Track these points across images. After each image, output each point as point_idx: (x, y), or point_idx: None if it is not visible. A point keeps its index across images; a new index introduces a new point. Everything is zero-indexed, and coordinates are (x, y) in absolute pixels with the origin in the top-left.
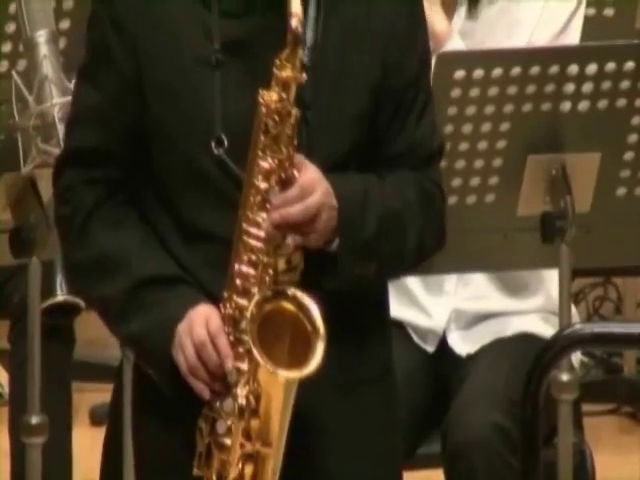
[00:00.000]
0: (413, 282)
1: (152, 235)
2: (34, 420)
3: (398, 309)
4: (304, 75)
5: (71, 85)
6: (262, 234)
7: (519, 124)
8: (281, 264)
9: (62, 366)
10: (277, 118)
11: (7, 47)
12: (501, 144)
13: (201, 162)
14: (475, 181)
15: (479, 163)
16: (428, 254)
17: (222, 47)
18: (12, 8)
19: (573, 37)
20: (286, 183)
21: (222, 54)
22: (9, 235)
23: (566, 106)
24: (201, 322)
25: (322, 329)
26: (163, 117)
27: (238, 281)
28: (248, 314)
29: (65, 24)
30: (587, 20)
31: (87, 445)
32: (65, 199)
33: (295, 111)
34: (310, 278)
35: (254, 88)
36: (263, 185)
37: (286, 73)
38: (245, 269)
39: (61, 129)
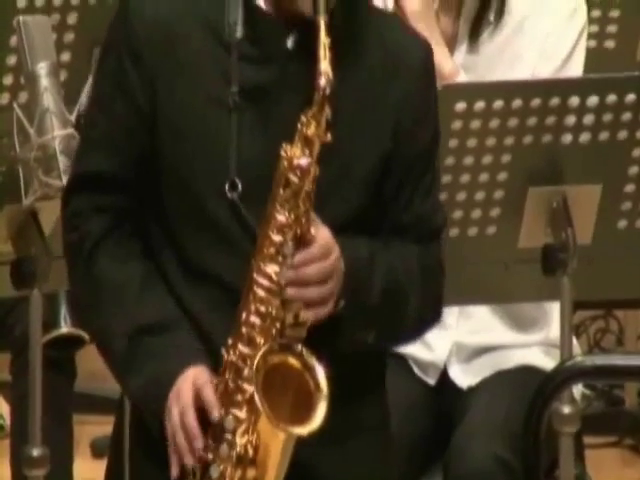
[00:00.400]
0: None
1: (155, 272)
2: (35, 452)
3: None
4: (329, 135)
5: (72, 117)
6: (273, 286)
7: (520, 156)
8: (289, 318)
9: (63, 398)
10: (299, 173)
11: (8, 79)
12: (502, 176)
13: (212, 204)
14: (476, 213)
15: (480, 195)
16: (425, 327)
17: (240, 91)
18: (13, 40)
19: (575, 70)
20: (300, 239)
21: (239, 97)
22: (10, 267)
23: (567, 138)
24: (188, 389)
25: (325, 390)
26: (175, 155)
27: (244, 330)
28: (254, 364)
29: (66, 56)
30: (588, 52)
31: (88, 477)
32: (73, 226)
33: (315, 169)
34: (313, 337)
35: (269, 135)
36: (278, 238)
37: (311, 131)
38: (253, 319)
39: (62, 161)
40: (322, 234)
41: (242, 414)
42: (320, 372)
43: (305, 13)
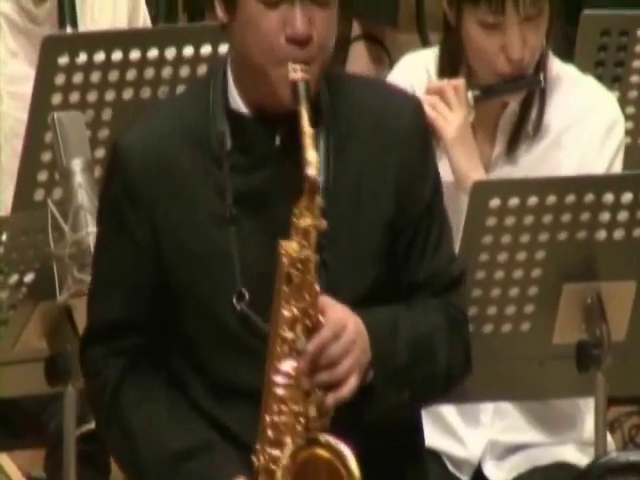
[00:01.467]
0: (449, 411)
1: (180, 398)
2: None
3: (434, 438)
4: (324, 221)
5: None
6: (291, 382)
7: (554, 252)
8: (312, 411)
9: None
10: (300, 266)
11: (43, 176)
12: (536, 272)
13: (225, 318)
14: (510, 309)
15: (514, 291)
16: (457, 379)
17: (235, 202)
18: (48, 137)
19: None
20: (312, 330)
21: (236, 208)
22: (45, 364)
23: (601, 235)
24: None
25: (357, 473)
26: (183, 275)
27: (270, 432)
28: (282, 466)
29: (100, 152)
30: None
31: None
32: (92, 374)
33: (315, 258)
34: (346, 411)
35: (270, 239)
36: (289, 335)
37: (305, 222)
38: (276, 419)
39: None
40: (332, 313)
41: None
42: (349, 456)
43: (288, 109)
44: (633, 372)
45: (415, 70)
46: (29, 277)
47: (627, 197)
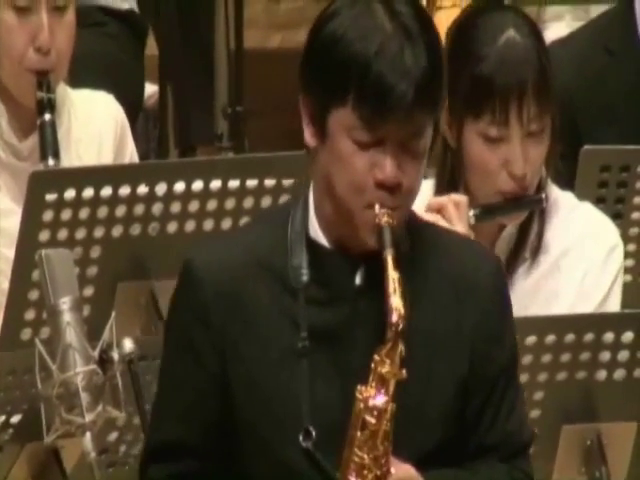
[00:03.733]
0: None
1: None
2: None
3: None
4: (404, 372)
5: (95, 353)
6: None
7: (553, 393)
8: None
9: None
10: (375, 414)
11: (30, 315)
12: (535, 413)
13: (288, 454)
14: None
15: None
16: None
17: (309, 335)
18: (35, 274)
19: (614, 306)
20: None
21: (309, 342)
22: None
23: (602, 375)
24: None
25: None
26: (249, 408)
27: None
28: None
29: (89, 291)
30: (623, 287)
31: None
32: None
33: (392, 407)
34: None
35: (342, 377)
36: None
37: (385, 369)
38: None
39: (85, 398)
40: (400, 470)
41: None
42: None
43: (371, 248)
44: None
45: None
46: (16, 418)
47: (628, 336)
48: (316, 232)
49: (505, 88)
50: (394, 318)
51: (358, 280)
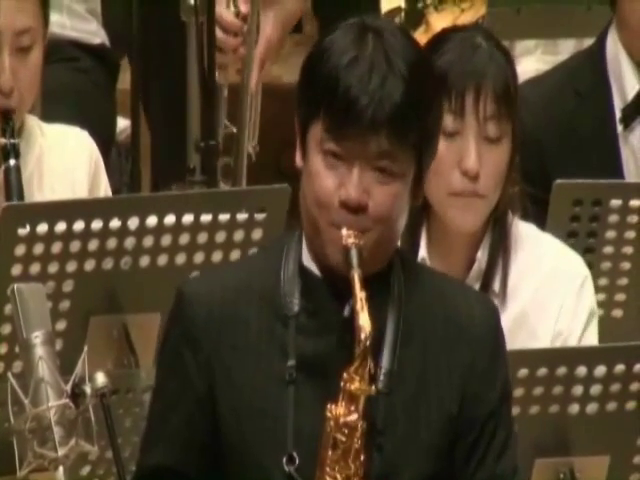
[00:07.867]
0: None
1: None
2: None
3: None
4: (373, 387)
5: (67, 387)
6: None
7: (526, 426)
8: None
9: None
10: (346, 432)
11: (3, 349)
12: None
13: (272, 478)
14: None
15: None
16: None
17: (297, 363)
18: (7, 309)
19: (592, 338)
20: None
21: (296, 370)
22: None
23: (574, 408)
24: None
25: None
26: (235, 432)
27: None
28: None
29: (61, 325)
30: None
31: None
32: None
33: (362, 424)
34: None
35: (326, 405)
36: None
37: (354, 386)
38: None
39: (57, 432)
40: None
41: None
42: None
43: (339, 270)
44: None
45: None
46: None
47: (600, 370)
48: (309, 260)
49: (462, 76)
50: (362, 335)
51: (347, 312)
